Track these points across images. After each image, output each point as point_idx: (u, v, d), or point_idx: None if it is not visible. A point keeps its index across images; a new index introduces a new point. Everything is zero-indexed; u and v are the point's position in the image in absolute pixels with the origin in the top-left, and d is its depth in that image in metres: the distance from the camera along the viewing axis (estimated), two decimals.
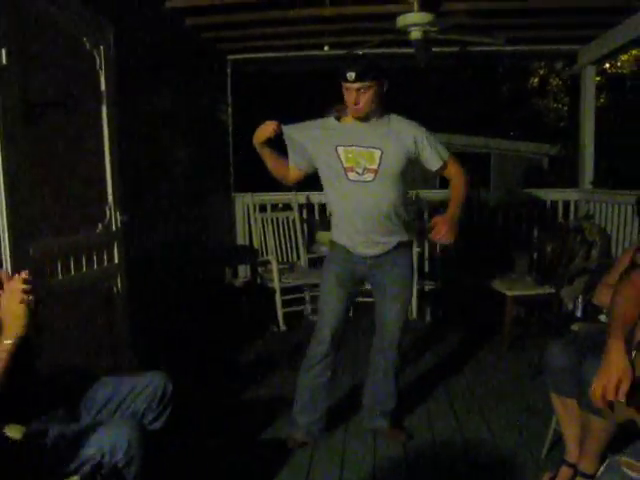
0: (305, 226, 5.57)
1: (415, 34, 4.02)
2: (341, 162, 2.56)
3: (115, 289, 3.15)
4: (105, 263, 3.06)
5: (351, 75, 2.43)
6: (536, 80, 14.56)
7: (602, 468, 1.60)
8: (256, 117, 2.91)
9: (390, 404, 2.92)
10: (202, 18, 4.51)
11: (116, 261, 3.15)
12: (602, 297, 2.61)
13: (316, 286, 5.10)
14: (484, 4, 4.24)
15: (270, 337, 4.58)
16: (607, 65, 10.42)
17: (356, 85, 2.45)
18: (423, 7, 3.94)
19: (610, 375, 1.58)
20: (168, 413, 2.01)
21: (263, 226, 5.30)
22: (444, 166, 2.70)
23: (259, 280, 5.08)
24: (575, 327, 3.00)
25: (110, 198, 3.10)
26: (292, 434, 2.85)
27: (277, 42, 5.13)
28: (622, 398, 1.52)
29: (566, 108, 13.49)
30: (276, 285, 4.72)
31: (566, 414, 2.42)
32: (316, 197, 5.72)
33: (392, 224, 2.64)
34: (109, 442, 1.63)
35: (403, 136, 2.59)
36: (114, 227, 3.13)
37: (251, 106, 7.05)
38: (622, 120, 8.58)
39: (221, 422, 3.11)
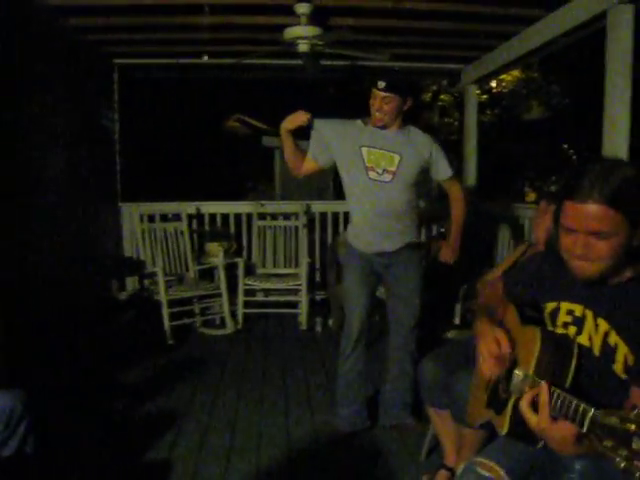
0: (195, 237, 5.46)
1: (303, 47, 4.07)
2: (363, 161, 2.83)
3: None
4: None
5: (381, 84, 2.74)
6: (429, 95, 15.16)
7: (459, 470, 1.66)
8: (145, 124, 2.82)
9: (408, 399, 3.09)
10: (86, 19, 4.30)
11: None
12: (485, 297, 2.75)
13: (205, 297, 5.04)
14: (370, 21, 4.34)
15: (157, 352, 4.42)
16: (494, 84, 11.08)
17: (382, 94, 2.75)
18: (311, 21, 3.99)
19: (487, 341, 1.62)
20: (22, 434, 1.89)
21: (151, 237, 5.13)
22: (449, 180, 3.04)
23: (146, 293, 4.92)
24: (450, 335, 3.13)
25: None
26: (337, 425, 3.08)
27: (162, 48, 4.99)
28: (506, 349, 1.57)
29: (457, 123, 14.12)
30: (163, 297, 4.58)
31: (442, 424, 2.52)
32: (206, 207, 5.63)
33: (403, 224, 2.92)
34: None
35: (420, 147, 2.90)
36: None
37: (140, 113, 6.84)
38: (503, 135, 9.14)
39: (100, 442, 2.95)
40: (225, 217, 5.71)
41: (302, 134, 2.95)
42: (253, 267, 5.39)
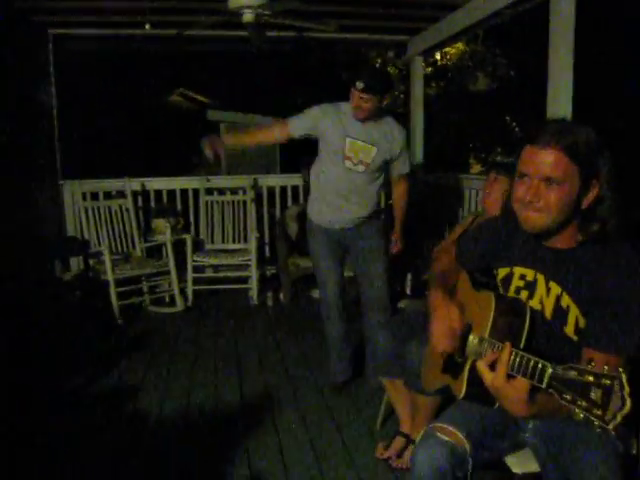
0: (140, 214, 5.33)
1: (248, 17, 3.93)
2: (344, 150, 3.00)
3: None
4: None
5: (359, 84, 2.85)
6: None
7: (419, 436, 1.68)
8: (85, 98, 2.70)
9: None
10: None
11: None
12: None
13: (153, 275, 4.94)
14: None
15: (106, 331, 4.32)
16: (438, 57, 11.15)
17: (360, 94, 2.87)
18: None
19: (438, 318, 1.65)
20: None
21: (95, 215, 4.97)
22: (402, 177, 3.22)
23: (92, 273, 4.78)
24: (402, 304, 3.16)
25: None
26: (331, 383, 3.30)
27: (102, 18, 4.78)
28: (458, 327, 1.61)
29: (402, 95, 14.17)
30: (110, 277, 4.46)
31: (396, 392, 2.56)
32: (151, 184, 5.49)
33: (369, 205, 3.11)
34: None
35: (394, 142, 3.06)
36: None
37: (80, 87, 6.58)
38: (448, 107, 9.24)
39: (48, 425, 2.90)
40: (171, 193, 5.58)
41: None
42: (201, 243, 5.31)
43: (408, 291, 3.95)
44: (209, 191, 5.43)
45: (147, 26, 2.58)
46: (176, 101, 11.09)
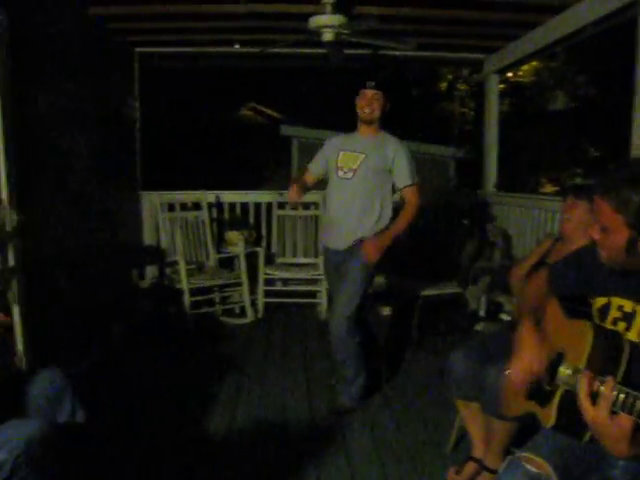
0: (215, 226, 5.47)
1: (327, 36, 4.03)
2: (337, 162, 3.18)
3: (11, 295, 2.95)
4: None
5: (370, 83, 3.09)
6: (445, 84, 15.03)
7: (504, 464, 1.65)
8: (167, 113, 2.83)
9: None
10: (108, 8, 4.30)
11: (11, 264, 2.95)
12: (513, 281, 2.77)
13: (226, 286, 5.05)
14: (395, 10, 4.30)
15: (179, 339, 4.45)
16: (510, 74, 10.97)
17: (372, 92, 3.09)
18: (336, 9, 3.95)
19: (524, 359, 1.63)
20: (69, 404, 1.98)
21: (171, 226, 5.14)
22: (407, 189, 3.18)
23: (167, 282, 4.93)
24: (478, 327, 3.11)
25: (5, 197, 2.90)
26: (344, 402, 3.25)
27: (188, 37, 4.97)
28: (539, 372, 1.59)
29: (472, 113, 14.00)
30: (184, 286, 4.59)
31: (470, 415, 2.51)
32: (226, 197, 5.63)
33: (365, 218, 3.11)
34: (5, 443, 1.57)
35: (386, 148, 3.14)
36: (9, 228, 2.93)
37: (160, 102, 6.84)
38: (522, 126, 9.04)
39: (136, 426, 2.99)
40: (245, 206, 5.70)
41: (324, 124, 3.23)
42: (273, 256, 5.39)
43: (482, 313, 3.90)
44: (281, 205, 5.51)
45: (237, 45, 2.73)
46: (247, 115, 11.34)
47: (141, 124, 5.59)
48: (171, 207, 5.32)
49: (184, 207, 5.39)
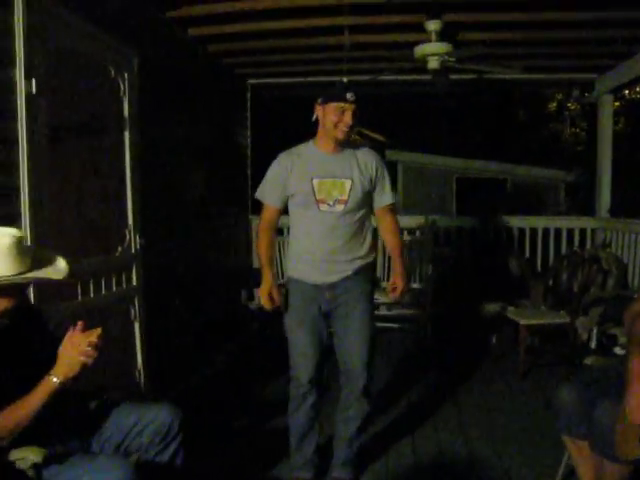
0: None
1: (433, 63, 4.07)
2: (314, 194, 2.56)
3: (133, 311, 3.20)
4: (124, 285, 3.11)
5: (351, 96, 2.49)
6: (554, 105, 14.56)
7: None
8: (274, 140, 2.94)
9: (350, 453, 2.78)
10: (223, 45, 4.60)
11: (134, 283, 3.21)
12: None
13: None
14: (501, 35, 4.28)
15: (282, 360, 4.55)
16: (626, 91, 10.40)
17: (352, 106, 2.51)
18: (441, 37, 3.99)
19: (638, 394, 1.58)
20: (174, 449, 1.99)
21: (279, 249, 5.33)
22: (388, 207, 2.75)
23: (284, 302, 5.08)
24: (588, 361, 2.97)
25: (130, 221, 3.17)
26: (294, 475, 2.78)
27: (296, 68, 5.20)
28: None
29: (584, 133, 13.46)
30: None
31: (579, 454, 2.41)
32: None
33: (357, 249, 2.64)
34: None
35: (369, 166, 2.65)
36: (133, 250, 3.19)
37: (270, 129, 7.14)
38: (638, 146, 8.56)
39: (237, 451, 3.09)
40: None
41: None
42: (377, 281, 5.43)
43: (592, 344, 3.73)
44: None
45: (345, 79, 2.74)
46: (355, 140, 11.54)
47: (252, 152, 5.87)
48: (280, 231, 5.50)
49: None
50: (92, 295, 2.82)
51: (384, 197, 2.71)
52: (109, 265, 2.99)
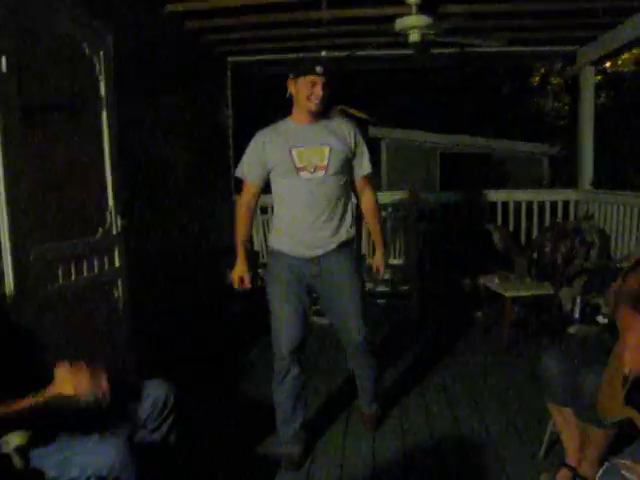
0: None
1: (413, 37, 4.04)
2: (294, 162, 2.62)
3: (116, 293, 3.18)
4: (106, 267, 3.08)
5: (320, 69, 2.56)
6: (537, 79, 14.54)
7: (600, 472, 1.61)
8: (257, 118, 2.92)
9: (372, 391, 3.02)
10: (202, 21, 4.52)
11: (117, 265, 3.18)
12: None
13: None
14: (482, 7, 4.24)
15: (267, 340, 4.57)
16: (608, 64, 10.42)
17: (323, 79, 2.57)
18: (421, 10, 3.96)
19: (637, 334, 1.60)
20: (169, 424, 2.01)
21: (264, 228, 5.31)
22: (367, 178, 2.80)
23: (260, 282, 5.09)
24: (572, 330, 3.01)
25: (110, 203, 3.13)
26: (282, 450, 2.80)
27: (276, 44, 5.13)
28: None
29: (567, 107, 13.47)
30: None
31: (564, 421, 2.44)
32: None
33: (340, 218, 2.68)
34: (92, 463, 1.66)
35: (346, 134, 2.70)
36: (115, 231, 3.15)
37: (252, 107, 7.07)
38: (621, 119, 8.59)
39: (226, 427, 3.10)
40: None
41: None
42: (363, 258, 5.43)
43: (576, 314, 3.77)
44: None
45: (323, 52, 2.71)
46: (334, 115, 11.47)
47: (234, 130, 5.81)
48: (264, 210, 5.49)
49: None
50: (74, 278, 2.78)
51: (363, 167, 2.76)
52: (90, 247, 2.96)
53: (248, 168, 2.73)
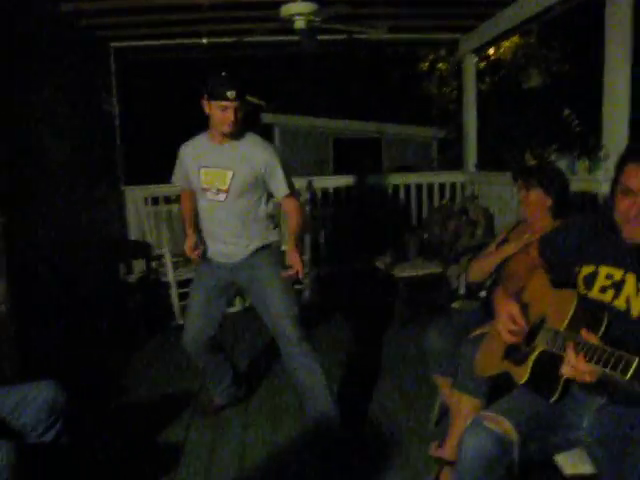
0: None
1: (299, 23, 4.06)
2: (201, 182, 2.75)
3: None
4: None
5: (232, 94, 2.55)
6: (426, 65, 14.98)
7: (468, 423, 1.72)
8: (145, 107, 2.84)
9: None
10: (76, 3, 4.29)
11: None
12: (471, 273, 2.83)
13: None
14: None
15: (167, 332, 4.49)
16: (491, 51, 10.93)
17: (235, 104, 2.57)
18: None
19: (502, 319, 1.71)
20: (60, 425, 1.96)
21: (156, 219, 5.17)
22: (285, 199, 2.82)
23: (154, 275, 4.97)
24: (456, 305, 3.17)
25: None
26: (210, 402, 3.17)
27: (155, 29, 4.95)
28: (520, 325, 1.67)
29: (455, 92, 13.99)
30: (171, 279, 4.64)
31: (450, 392, 2.58)
32: None
33: (249, 233, 2.77)
34: None
35: (254, 161, 2.69)
36: None
37: (139, 96, 6.83)
38: (500, 103, 9.07)
39: (117, 426, 3.05)
40: None
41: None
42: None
43: (462, 291, 3.97)
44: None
45: (204, 40, 2.63)
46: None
47: (120, 120, 5.59)
48: (155, 201, 5.34)
49: (168, 200, 5.42)
50: None
51: (279, 190, 2.77)
52: None
53: (177, 177, 2.96)
